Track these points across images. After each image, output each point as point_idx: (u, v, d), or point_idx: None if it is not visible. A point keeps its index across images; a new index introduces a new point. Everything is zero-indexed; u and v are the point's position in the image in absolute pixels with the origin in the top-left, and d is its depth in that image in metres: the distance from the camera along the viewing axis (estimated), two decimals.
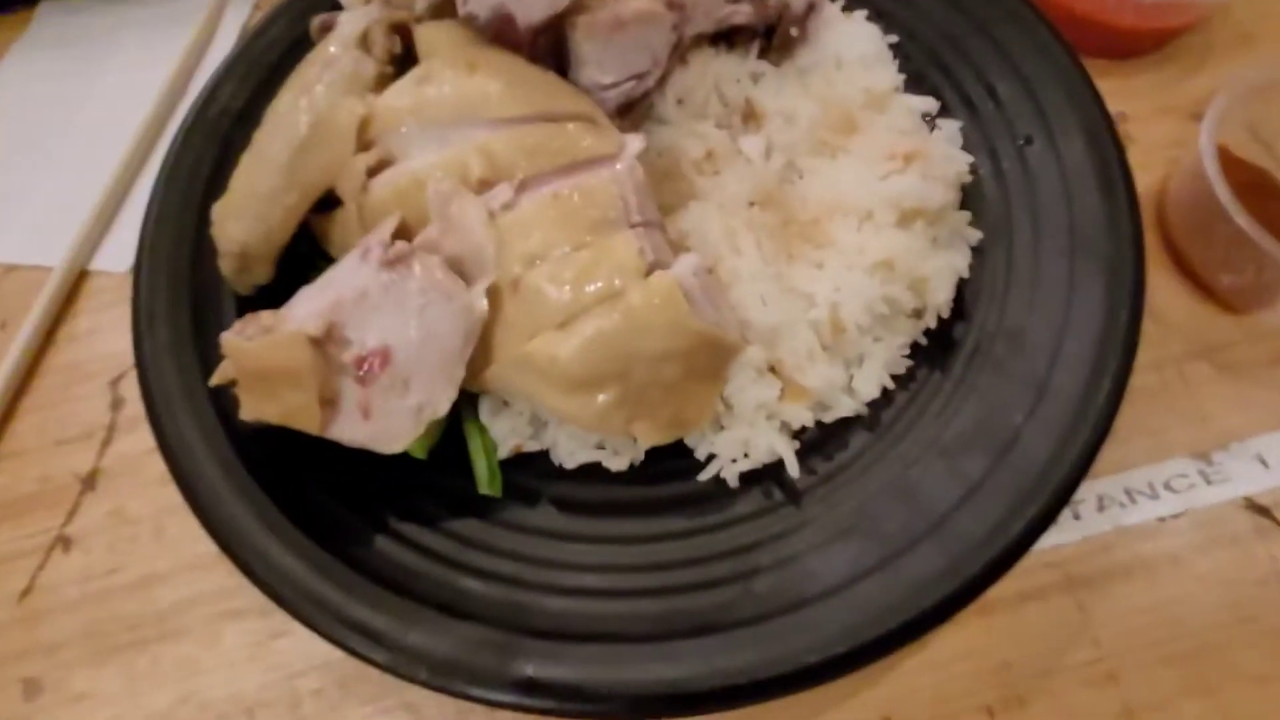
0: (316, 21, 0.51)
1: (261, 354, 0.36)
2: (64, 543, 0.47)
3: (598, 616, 0.37)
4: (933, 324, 0.45)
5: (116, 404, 0.52)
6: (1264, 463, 0.45)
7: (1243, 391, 0.47)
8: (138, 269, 0.47)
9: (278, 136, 0.44)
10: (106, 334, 0.55)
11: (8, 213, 0.61)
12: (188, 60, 0.66)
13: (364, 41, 0.47)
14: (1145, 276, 0.42)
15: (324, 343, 0.38)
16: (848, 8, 0.55)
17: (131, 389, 0.52)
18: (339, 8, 0.55)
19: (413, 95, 0.43)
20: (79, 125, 0.66)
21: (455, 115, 0.43)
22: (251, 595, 0.44)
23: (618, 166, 0.41)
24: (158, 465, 0.48)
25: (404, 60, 0.48)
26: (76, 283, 0.58)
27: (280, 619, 0.43)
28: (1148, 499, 0.44)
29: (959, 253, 0.46)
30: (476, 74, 0.43)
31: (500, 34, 0.44)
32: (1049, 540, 0.43)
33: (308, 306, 0.38)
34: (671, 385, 0.40)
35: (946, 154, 0.47)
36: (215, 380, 0.39)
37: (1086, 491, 0.45)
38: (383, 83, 0.46)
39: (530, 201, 0.40)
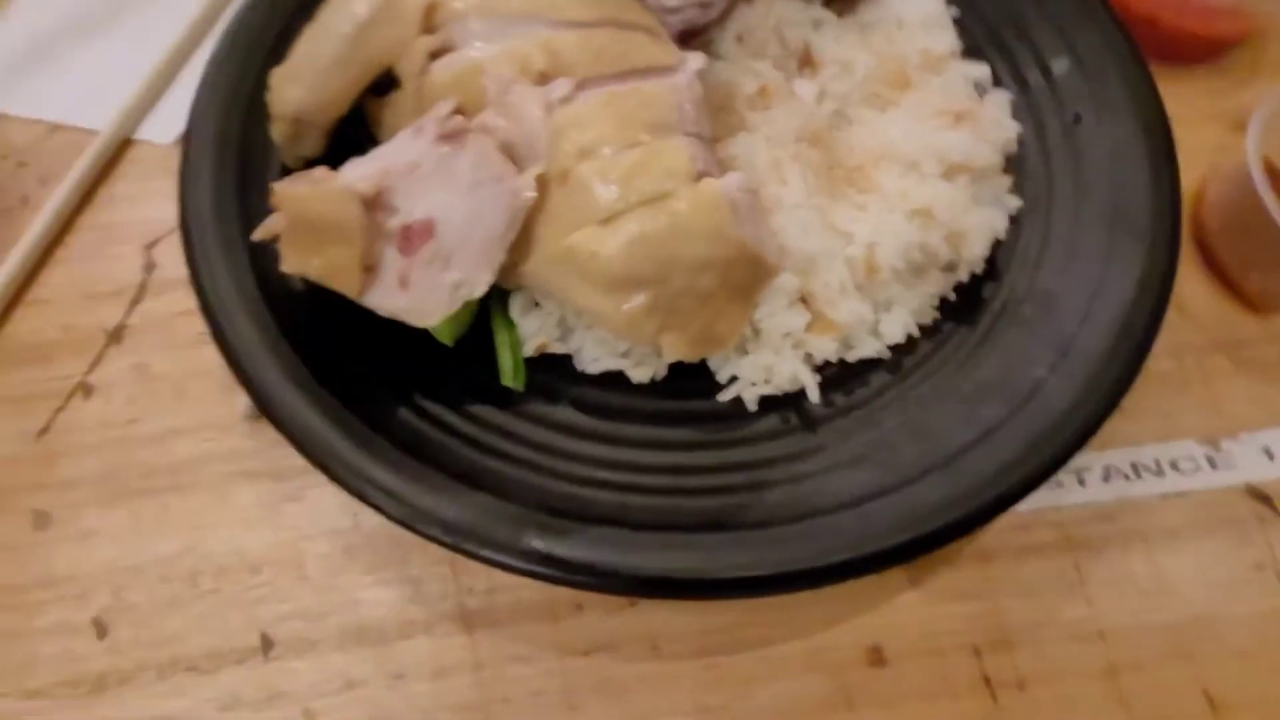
0: None
1: (313, 202, 0.37)
2: (85, 389, 0.47)
3: (610, 504, 0.38)
4: (964, 278, 0.46)
5: (149, 266, 0.53)
6: (1270, 455, 0.45)
7: (1258, 387, 0.48)
8: (189, 128, 0.48)
9: (343, 10, 0.44)
10: (145, 200, 0.55)
11: (59, 71, 0.62)
12: None
13: None
14: (1179, 254, 0.43)
15: (372, 207, 0.38)
16: None
17: (165, 254, 0.53)
18: None
19: None
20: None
21: (523, 12, 0.43)
22: (267, 459, 0.45)
23: (678, 78, 0.42)
24: (186, 328, 0.49)
25: None
26: (120, 149, 0.58)
27: (293, 484, 0.44)
28: (1153, 475, 0.45)
29: (998, 213, 0.47)
30: None
31: None
32: (1053, 500, 0.44)
33: (357, 170, 0.39)
34: (705, 297, 0.40)
35: (997, 119, 0.48)
36: (260, 234, 0.40)
37: (1094, 461, 0.45)
38: None
39: (588, 98, 0.40)
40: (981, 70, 0.51)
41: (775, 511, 0.38)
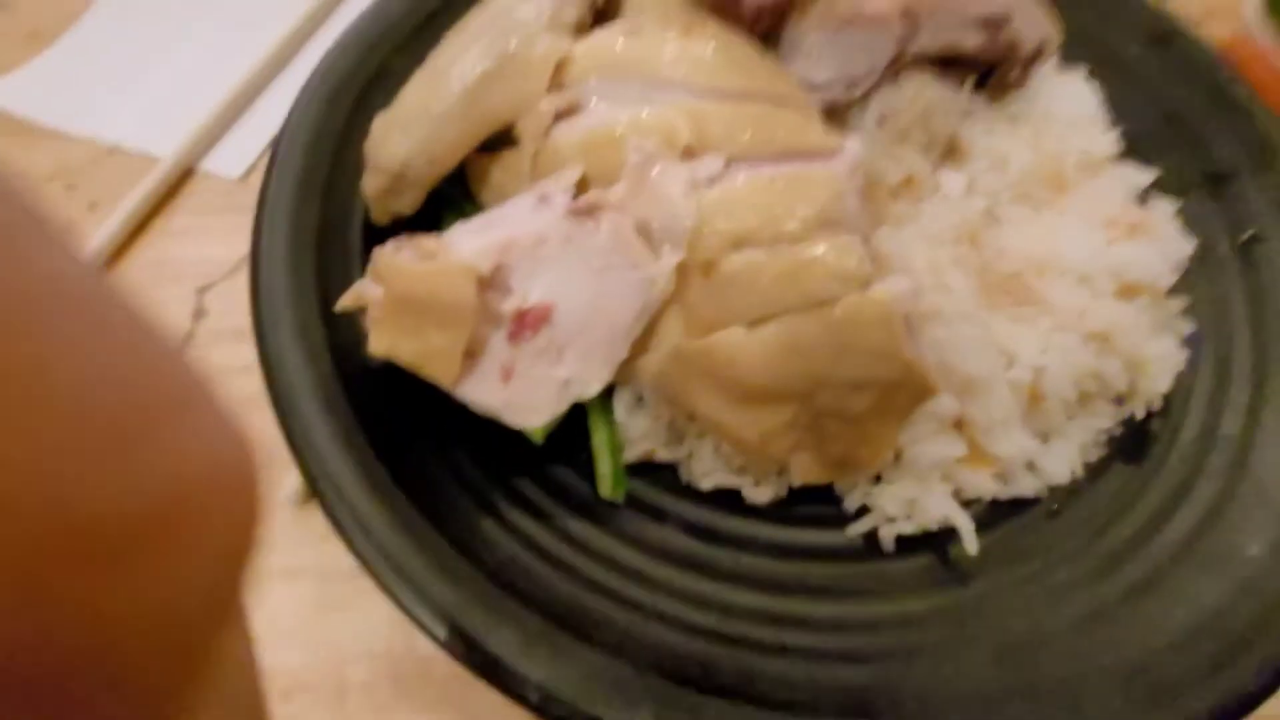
0: None
1: (423, 280, 0.31)
2: None
3: (733, 669, 0.31)
4: (1140, 414, 0.40)
5: (199, 313, 0.47)
6: None
7: None
8: (270, 169, 0.43)
9: (464, 58, 0.40)
10: (203, 238, 0.50)
11: (124, 90, 0.57)
12: None
13: None
14: None
15: (485, 286, 0.33)
16: (1063, 62, 0.51)
17: (218, 301, 0.48)
18: None
19: (620, 45, 0.39)
20: (223, 12, 0.62)
21: (664, 76, 0.38)
22: (313, 555, 0.38)
23: (839, 164, 0.37)
24: (234, 388, 0.43)
25: (602, 15, 0.45)
26: (180, 180, 0.53)
27: (340, 589, 0.38)
28: None
29: (1176, 342, 0.41)
30: (692, 38, 0.39)
31: (721, 5, 0.41)
32: None
33: (474, 242, 0.34)
34: (854, 419, 0.34)
35: (1172, 232, 0.43)
36: (345, 303, 0.34)
37: None
38: (582, 30, 0.42)
39: (740, 180, 0.35)
40: (1145, 176, 0.46)
41: (928, 695, 0.31)
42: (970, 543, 0.36)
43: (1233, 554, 0.34)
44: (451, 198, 0.42)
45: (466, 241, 0.33)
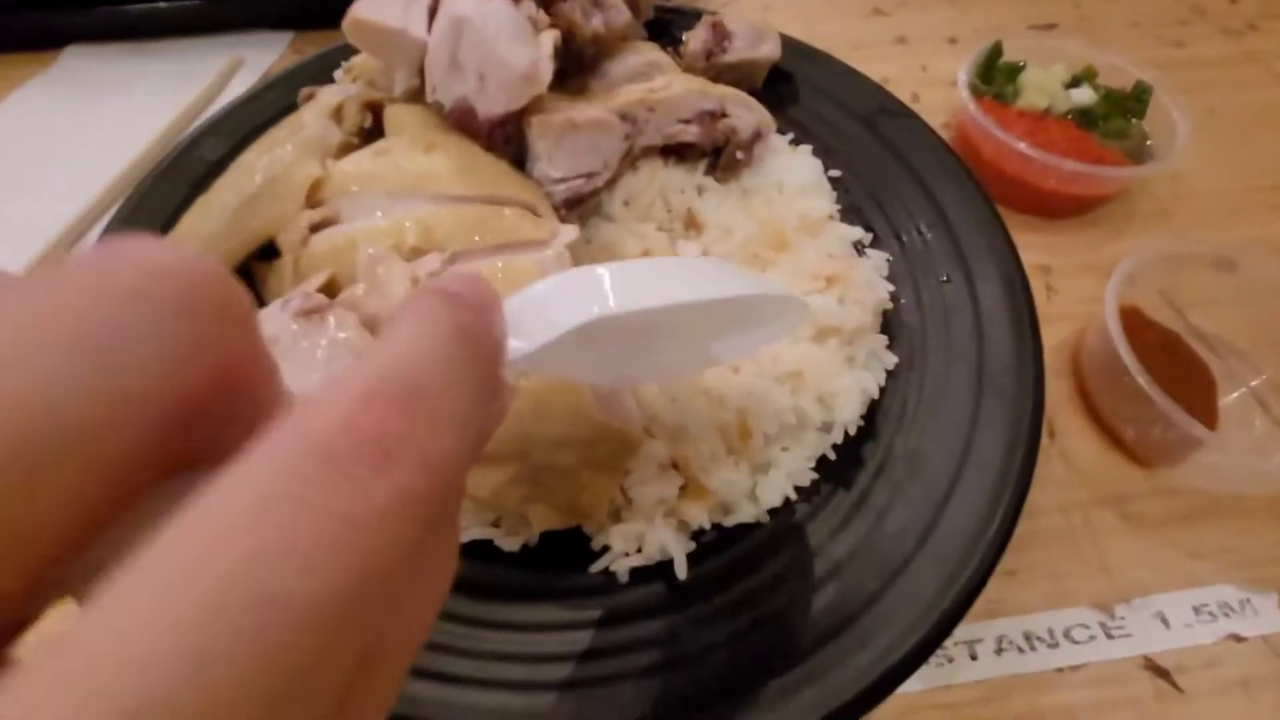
0: (304, 92, 0.56)
1: None
2: None
3: (490, 708, 0.35)
4: (839, 439, 0.45)
5: None
6: (1165, 622, 0.44)
7: (1147, 547, 0.47)
8: None
9: (233, 185, 0.46)
10: None
11: None
12: (186, 114, 0.70)
13: (338, 113, 0.50)
14: (1043, 421, 0.44)
15: None
16: (795, 140, 0.60)
17: None
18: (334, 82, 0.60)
19: (369, 163, 0.46)
20: (73, 157, 0.69)
21: (404, 188, 0.45)
22: None
23: (547, 253, 0.43)
24: None
25: (372, 135, 0.52)
26: None
27: None
28: (1046, 647, 0.43)
29: (872, 374, 0.47)
30: (432, 153, 0.46)
31: (461, 122, 0.48)
32: (944, 678, 0.42)
33: None
34: (567, 472, 0.40)
35: (869, 280, 0.50)
36: None
37: (985, 632, 0.44)
38: (346, 151, 0.49)
39: (456, 273, 0.41)
40: (857, 233, 0.54)
41: (630, 711, 0.35)
42: (680, 567, 0.41)
43: (898, 552, 0.39)
44: None
45: None
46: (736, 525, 0.43)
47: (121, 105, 0.74)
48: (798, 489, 0.44)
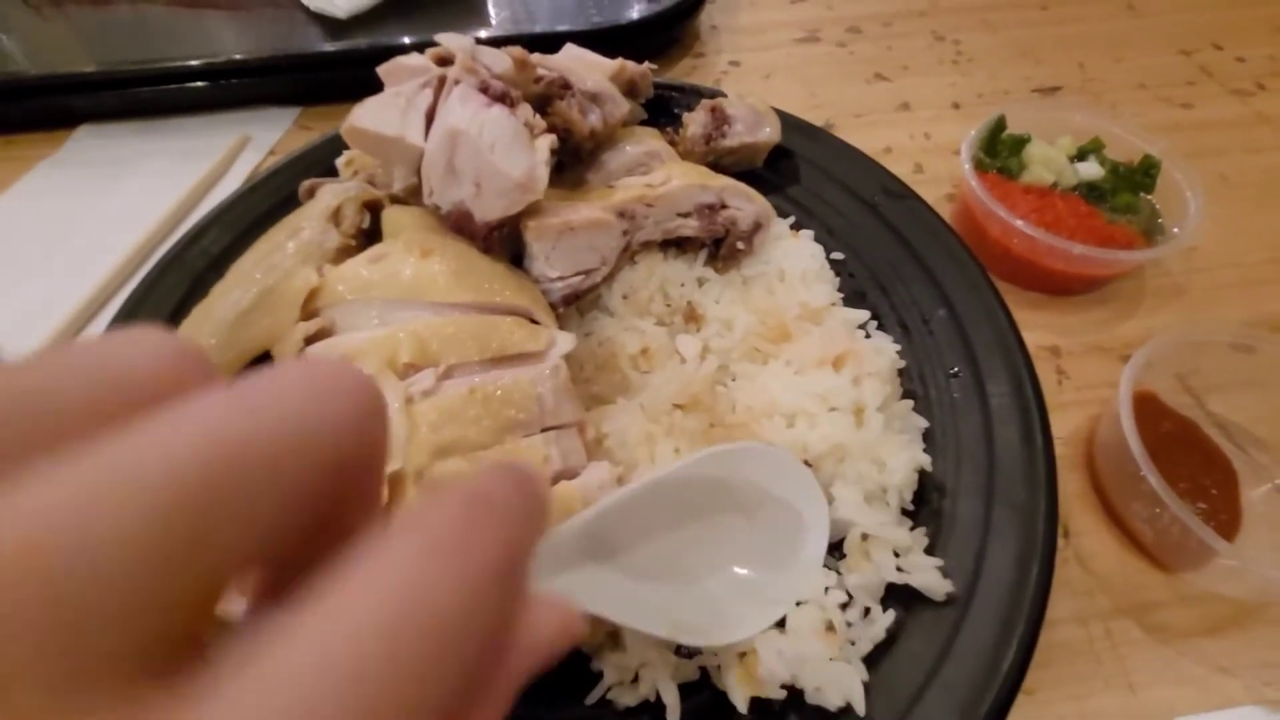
0: (305, 185, 0.56)
1: None
2: None
3: None
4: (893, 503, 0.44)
5: None
6: None
7: (1172, 661, 0.45)
8: None
9: (230, 294, 0.46)
10: None
11: (4, 297, 0.64)
12: (193, 194, 0.71)
13: (336, 215, 0.50)
14: (1057, 532, 0.42)
15: None
16: (797, 225, 0.59)
17: None
18: (335, 172, 0.61)
19: (365, 271, 0.46)
20: (84, 237, 0.70)
21: (400, 296, 0.45)
22: None
23: (542, 365, 0.42)
24: None
25: (372, 235, 0.52)
26: None
27: None
28: None
29: (914, 441, 0.46)
30: (429, 259, 0.46)
31: (459, 225, 0.48)
32: None
33: None
34: None
35: (876, 347, 0.49)
36: None
37: None
38: (344, 254, 0.49)
39: (450, 391, 0.41)
40: (862, 315, 0.53)
41: None
42: (672, 713, 0.39)
43: (913, 681, 0.38)
44: None
45: None
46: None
47: (132, 183, 0.75)
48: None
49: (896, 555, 0.42)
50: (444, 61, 0.49)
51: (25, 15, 0.85)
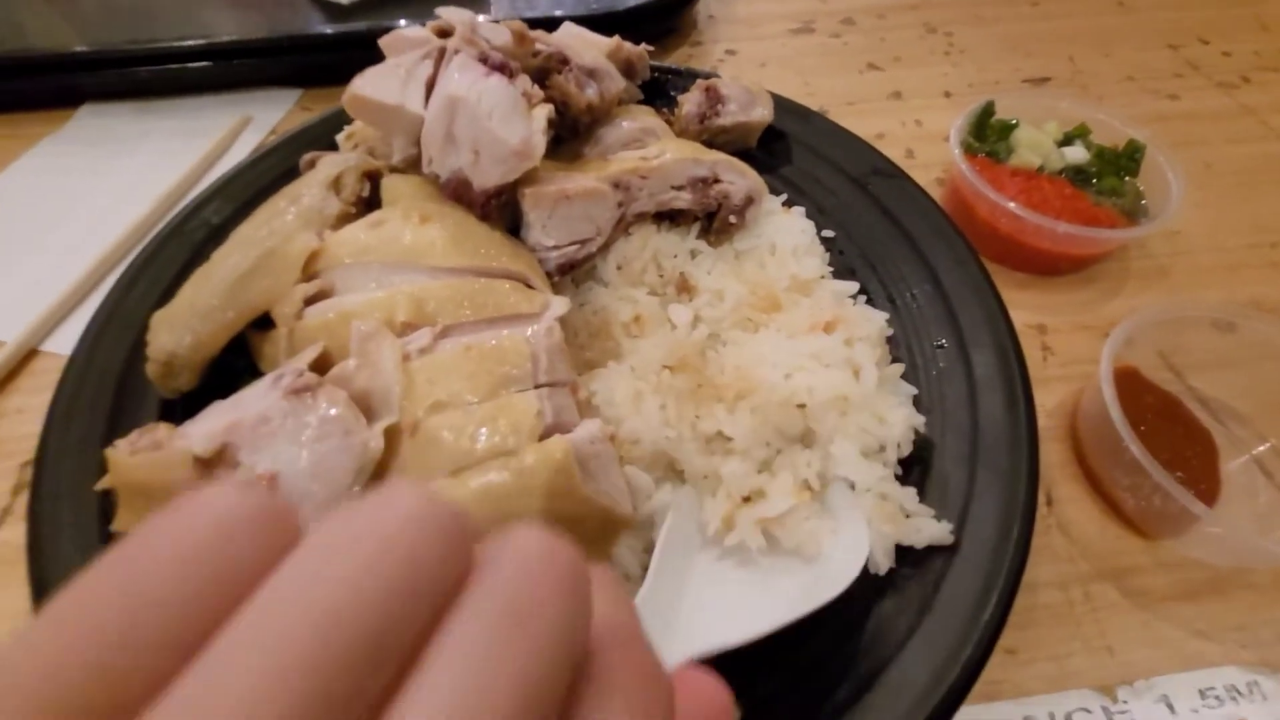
0: (306, 158, 0.57)
1: (139, 470, 0.36)
2: None
3: None
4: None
5: (18, 488, 0.51)
6: (1170, 707, 0.43)
7: (1150, 624, 0.46)
8: (73, 358, 0.49)
9: (231, 257, 0.47)
10: (35, 416, 0.55)
11: None
12: (194, 172, 0.72)
13: (336, 183, 0.51)
14: (1038, 495, 0.43)
15: (214, 463, 0.38)
16: (789, 203, 0.60)
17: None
18: (336, 148, 0.61)
19: (364, 236, 0.47)
20: (82, 216, 0.71)
21: (398, 260, 0.46)
22: None
23: (536, 326, 0.43)
24: None
25: (371, 203, 0.53)
26: (24, 360, 0.59)
27: None
28: None
29: (906, 402, 0.47)
30: (427, 225, 0.47)
31: (457, 193, 0.49)
32: None
33: (207, 425, 0.39)
34: None
35: (864, 313, 0.50)
36: (101, 485, 0.39)
37: (984, 714, 0.42)
38: (344, 221, 0.50)
39: (446, 348, 0.42)
40: (849, 287, 0.54)
41: None
42: None
43: (892, 639, 0.39)
44: (243, 371, 0.49)
45: (197, 427, 0.39)
46: None
47: (133, 161, 0.76)
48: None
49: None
50: (444, 33, 0.50)
51: None
